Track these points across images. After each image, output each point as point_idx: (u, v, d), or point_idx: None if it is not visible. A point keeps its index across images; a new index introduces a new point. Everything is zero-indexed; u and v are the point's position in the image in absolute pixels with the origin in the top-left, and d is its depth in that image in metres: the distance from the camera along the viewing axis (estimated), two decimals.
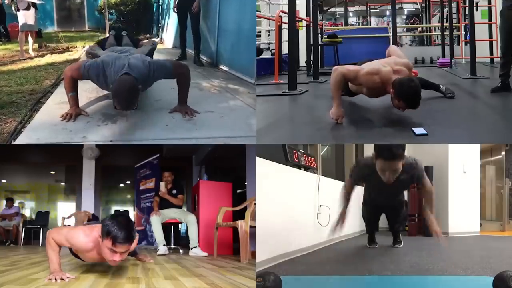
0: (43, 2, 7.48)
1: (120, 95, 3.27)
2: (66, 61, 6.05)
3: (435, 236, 3.29)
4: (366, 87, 3.47)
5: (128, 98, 3.29)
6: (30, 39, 6.52)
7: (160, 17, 9.33)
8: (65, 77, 3.52)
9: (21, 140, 3.13)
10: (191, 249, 5.05)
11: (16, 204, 8.78)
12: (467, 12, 7.35)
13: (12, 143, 3.10)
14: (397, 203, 4.13)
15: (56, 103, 3.85)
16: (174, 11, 6.12)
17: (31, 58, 6.26)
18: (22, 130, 3.26)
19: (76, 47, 7.39)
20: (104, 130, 3.30)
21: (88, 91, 3.94)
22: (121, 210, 9.79)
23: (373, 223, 4.41)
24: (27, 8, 6.28)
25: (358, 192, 6.25)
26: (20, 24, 6.37)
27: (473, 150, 6.45)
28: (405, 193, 6.26)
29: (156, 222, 5.24)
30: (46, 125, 3.35)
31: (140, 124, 3.42)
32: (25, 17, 6.32)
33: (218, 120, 3.54)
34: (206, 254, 4.91)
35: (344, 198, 3.61)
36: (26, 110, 3.65)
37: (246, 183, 5.50)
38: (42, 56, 6.47)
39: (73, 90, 3.49)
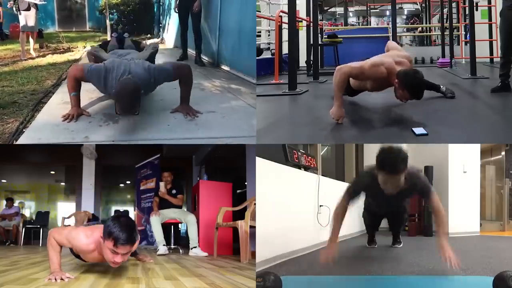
0: (45, 2, 7.47)
1: (122, 99, 3.25)
2: (67, 61, 6.06)
3: (447, 262, 2.72)
4: (372, 79, 3.50)
5: (130, 102, 3.27)
6: (31, 40, 6.52)
7: (161, 17, 9.33)
8: (68, 77, 3.53)
9: (23, 140, 3.13)
10: (191, 249, 5.05)
11: (16, 204, 8.77)
12: (467, 12, 7.35)
13: (14, 143, 3.10)
14: (398, 210, 4.08)
15: (58, 103, 3.85)
16: (175, 11, 6.13)
17: (32, 58, 6.27)
18: (24, 130, 3.27)
19: (77, 47, 7.40)
20: (106, 130, 3.31)
21: (89, 91, 3.94)
22: (121, 210, 9.78)
23: (373, 227, 4.40)
24: (28, 9, 6.28)
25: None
26: (21, 24, 6.38)
27: (473, 150, 6.45)
28: None
29: (155, 223, 5.24)
30: (48, 125, 3.35)
31: (141, 124, 3.42)
32: (26, 18, 6.32)
33: (219, 121, 3.54)
34: (206, 254, 4.91)
35: (335, 220, 3.05)
36: (28, 110, 3.65)
37: (246, 183, 5.50)
38: (44, 56, 6.48)
39: (75, 90, 3.50)
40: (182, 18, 5.96)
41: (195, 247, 5.03)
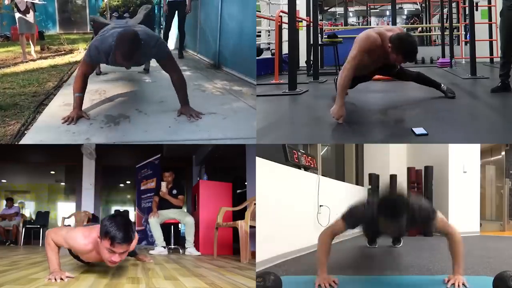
0: (44, 2, 7.48)
1: (122, 45, 3.18)
2: (68, 63, 6.06)
3: None
4: (367, 52, 3.50)
5: (130, 47, 3.19)
6: (33, 41, 6.52)
7: (161, 19, 9.33)
8: (76, 76, 3.52)
9: (24, 142, 3.13)
10: (186, 248, 5.16)
11: (16, 204, 8.78)
12: (467, 12, 7.35)
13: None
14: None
15: (59, 105, 3.85)
16: (165, 12, 6.43)
17: (33, 60, 6.27)
18: (25, 132, 3.26)
19: (79, 49, 7.40)
20: (107, 132, 3.31)
21: (90, 93, 3.94)
22: (121, 210, 9.79)
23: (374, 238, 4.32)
24: (25, 11, 6.27)
25: (357, 191, 6.28)
26: (18, 27, 6.38)
27: (473, 150, 6.45)
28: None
29: (154, 224, 5.27)
30: (49, 127, 3.35)
31: (143, 126, 3.42)
32: (24, 20, 6.32)
33: (220, 122, 3.54)
34: (199, 253, 5.08)
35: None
36: (29, 112, 3.65)
37: (246, 183, 5.50)
38: (45, 58, 6.47)
39: (81, 90, 3.48)
40: (168, 19, 6.47)
41: (190, 247, 5.16)
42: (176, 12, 6.34)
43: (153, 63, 4.58)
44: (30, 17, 6.34)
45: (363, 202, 2.56)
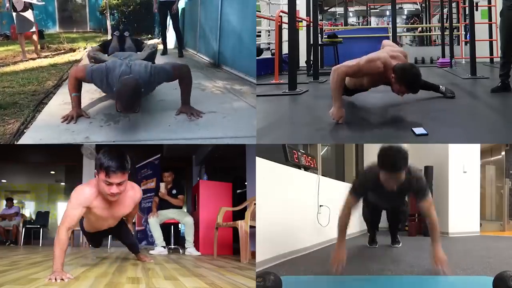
0: (43, 3, 7.47)
1: (124, 97, 3.26)
2: (68, 62, 6.07)
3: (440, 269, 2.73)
4: (369, 75, 3.51)
5: (131, 100, 3.27)
6: (35, 39, 6.52)
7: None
8: (69, 78, 3.55)
9: (24, 141, 3.14)
10: (186, 248, 5.17)
11: (16, 204, 8.78)
12: (467, 12, 7.35)
13: (15, 143, 3.11)
14: (399, 204, 4.11)
15: (59, 104, 3.86)
16: (156, 12, 6.61)
17: (33, 59, 6.26)
18: (25, 131, 3.27)
19: (78, 48, 7.40)
20: (107, 130, 3.31)
21: (90, 92, 3.94)
22: None
23: (374, 223, 4.40)
24: (23, 10, 6.27)
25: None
26: (16, 26, 6.37)
27: (473, 150, 6.45)
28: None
29: (154, 224, 5.27)
30: (49, 126, 3.36)
31: (142, 124, 3.42)
32: (21, 19, 6.31)
33: (220, 121, 3.54)
34: (199, 253, 5.08)
35: (342, 230, 2.90)
36: (29, 111, 3.66)
37: (246, 183, 5.50)
38: (45, 57, 6.47)
39: (76, 90, 3.51)
40: (162, 19, 6.57)
41: (190, 247, 5.18)
42: (168, 11, 6.45)
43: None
44: (28, 15, 6.33)
45: (364, 170, 2.94)
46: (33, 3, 6.41)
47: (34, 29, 6.50)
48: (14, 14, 6.27)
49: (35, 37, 6.57)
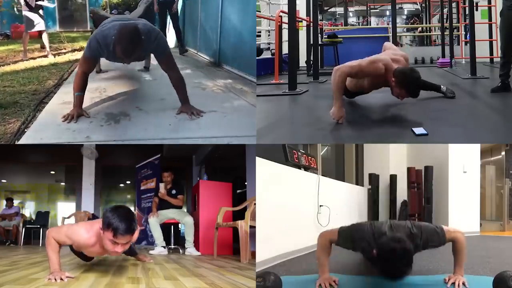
0: (55, 5, 7.46)
1: (122, 39, 3.15)
2: (68, 61, 6.06)
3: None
4: (370, 76, 3.52)
5: (130, 42, 3.15)
6: (46, 38, 6.51)
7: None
8: (76, 75, 3.51)
9: (24, 140, 3.13)
10: (186, 248, 5.17)
11: (16, 204, 8.77)
12: (467, 12, 7.35)
13: (16, 143, 3.10)
14: None
15: (59, 103, 3.86)
16: (156, 12, 6.56)
17: (45, 56, 6.27)
18: (26, 130, 3.27)
19: (79, 47, 7.40)
20: (107, 130, 3.31)
21: (90, 91, 3.94)
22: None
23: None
24: (35, 9, 6.26)
25: (358, 191, 6.28)
26: (25, 24, 6.36)
27: (473, 150, 6.45)
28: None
29: (154, 224, 5.27)
30: (49, 125, 3.35)
31: (143, 124, 3.42)
32: (31, 17, 6.30)
33: (220, 120, 3.54)
34: (199, 253, 5.07)
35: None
36: (29, 111, 3.66)
37: (246, 183, 5.50)
38: (45, 56, 6.47)
39: (81, 89, 3.48)
40: (162, 18, 6.67)
41: (190, 247, 5.17)
42: (168, 11, 6.51)
43: (153, 61, 4.58)
44: (38, 15, 6.32)
45: (365, 227, 2.43)
46: (44, 5, 6.41)
47: (43, 27, 6.48)
48: (24, 12, 6.26)
49: (45, 36, 6.56)
